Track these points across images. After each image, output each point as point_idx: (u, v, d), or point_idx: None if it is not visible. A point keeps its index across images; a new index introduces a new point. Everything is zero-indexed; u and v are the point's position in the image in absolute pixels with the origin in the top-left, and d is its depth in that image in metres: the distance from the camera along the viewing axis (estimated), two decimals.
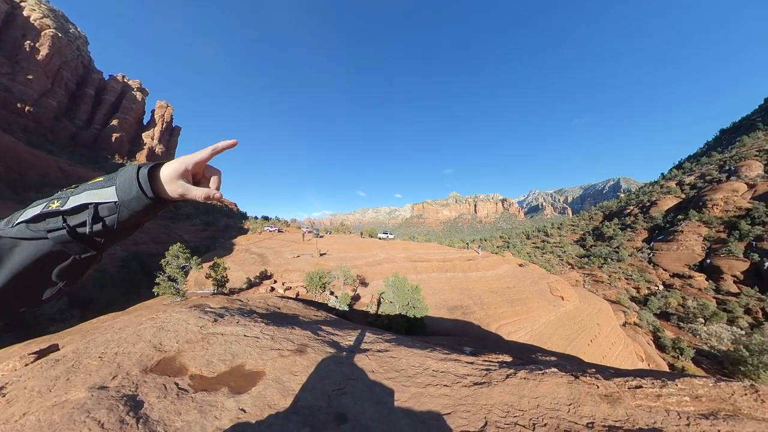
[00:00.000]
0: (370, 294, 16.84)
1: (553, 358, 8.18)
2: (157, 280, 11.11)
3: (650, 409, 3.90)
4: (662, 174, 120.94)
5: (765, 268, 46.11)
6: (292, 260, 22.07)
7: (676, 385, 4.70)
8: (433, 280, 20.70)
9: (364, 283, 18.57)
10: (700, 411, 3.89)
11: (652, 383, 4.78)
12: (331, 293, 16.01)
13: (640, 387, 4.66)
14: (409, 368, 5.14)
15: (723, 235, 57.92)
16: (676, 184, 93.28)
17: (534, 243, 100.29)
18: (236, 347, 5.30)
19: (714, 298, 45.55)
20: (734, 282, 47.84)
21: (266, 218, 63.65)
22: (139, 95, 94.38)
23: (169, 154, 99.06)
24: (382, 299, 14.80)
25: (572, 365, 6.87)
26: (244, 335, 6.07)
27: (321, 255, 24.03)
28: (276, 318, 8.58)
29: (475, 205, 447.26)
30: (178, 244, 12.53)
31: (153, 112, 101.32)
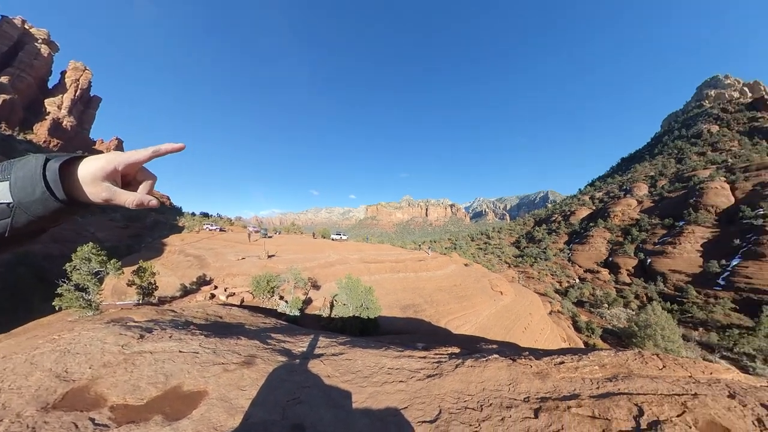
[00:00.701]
0: (322, 297, 16.40)
1: (494, 346, 8.99)
2: (58, 290, 9.03)
3: (571, 380, 4.57)
4: (579, 189, 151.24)
5: (648, 263, 58.88)
6: (237, 263, 20.29)
7: (589, 358, 5.61)
8: (386, 280, 21.09)
9: (316, 286, 18.03)
10: (606, 376, 4.72)
11: (572, 359, 5.62)
12: (281, 298, 15.17)
13: (563, 363, 5.43)
14: (364, 369, 5.15)
15: (620, 239, 72.95)
16: (589, 198, 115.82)
17: (478, 245, 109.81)
18: (170, 366, 4.67)
19: (614, 287, 56.92)
20: (628, 275, 60.25)
21: (206, 215, 56.40)
22: (44, 49, 74.71)
23: (81, 130, 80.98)
24: (335, 302, 14.54)
25: (510, 351, 7.65)
26: (180, 351, 5.38)
27: (269, 257, 22.56)
28: (218, 329, 7.81)
29: (427, 209, 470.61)
30: (91, 244, 10.38)
31: (64, 74, 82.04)
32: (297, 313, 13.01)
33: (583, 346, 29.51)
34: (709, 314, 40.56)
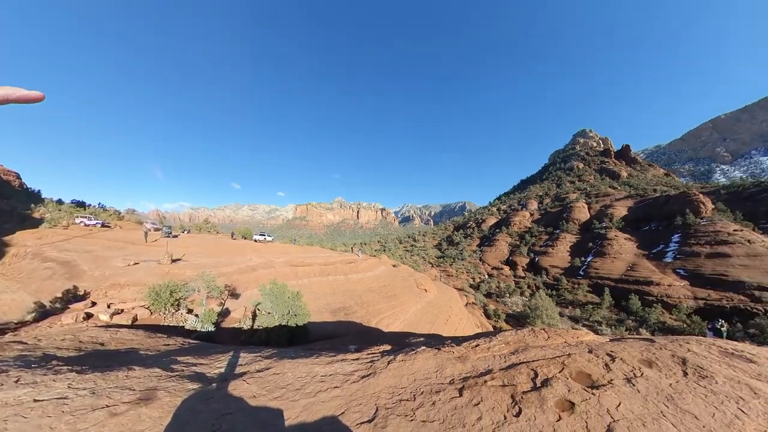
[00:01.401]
0: (243, 306, 14.73)
1: (422, 339, 9.62)
2: None
3: (485, 359, 5.24)
4: (490, 202, 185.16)
5: (536, 261, 74.01)
6: (126, 270, 16.21)
7: (497, 338, 6.54)
8: (316, 284, 20.34)
9: (234, 295, 16.05)
10: (510, 351, 5.59)
11: (485, 341, 6.45)
12: (190, 312, 12.94)
13: (478, 345, 6.18)
14: (295, 381, 4.82)
15: (518, 242, 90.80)
16: (496, 209, 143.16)
17: (405, 247, 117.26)
18: (19, 426, 3.40)
19: (513, 280, 68.98)
20: (522, 270, 74.79)
21: (81, 204, 39.93)
22: None
23: None
24: (258, 311, 13.23)
25: (435, 341, 8.30)
26: (35, 400, 3.97)
27: (173, 261, 18.73)
28: (98, 360, 6.13)
29: (358, 212, 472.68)
30: None
31: None
32: (211, 329, 11.32)
33: (492, 330, 34.31)
34: (575, 296, 53.90)
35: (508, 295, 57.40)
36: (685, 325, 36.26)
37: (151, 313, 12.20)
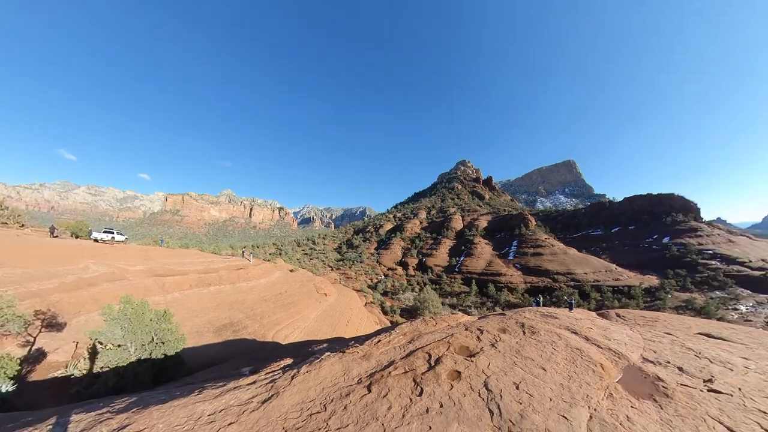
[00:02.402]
0: (72, 342, 10.63)
1: (325, 345, 9.39)
2: None
3: (387, 352, 5.59)
4: (387, 209, 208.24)
5: (423, 261, 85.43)
6: None
7: (396, 332, 7.10)
8: (192, 298, 16.64)
9: (55, 325, 11.28)
10: (407, 340, 6.16)
11: (385, 336, 6.89)
12: None
13: (380, 341, 6.53)
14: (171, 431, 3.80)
15: (409, 246, 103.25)
16: (393, 216, 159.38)
17: (304, 250, 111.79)
18: None
19: (406, 279, 76.82)
20: (413, 270, 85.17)
21: None
22: None
23: None
24: (100, 345, 9.78)
25: (340, 344, 8.27)
26: None
27: None
28: None
29: (251, 209, 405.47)
30: None
31: None
32: (8, 388, 7.57)
33: (390, 324, 36.95)
34: (452, 288, 65.66)
35: (401, 292, 63.36)
36: (521, 301, 52.50)
37: None
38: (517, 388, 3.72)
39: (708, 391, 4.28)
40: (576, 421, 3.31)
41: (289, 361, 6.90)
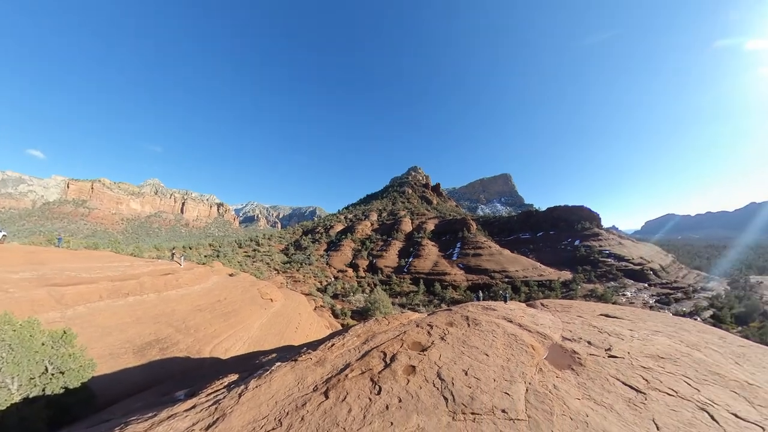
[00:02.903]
0: None
1: (274, 355, 8.84)
2: None
3: (342, 355, 5.54)
4: (338, 210, 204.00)
5: (374, 263, 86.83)
6: None
7: (349, 334, 7.06)
8: (103, 312, 13.75)
9: None
10: (362, 341, 6.19)
11: (339, 339, 6.80)
12: None
13: (334, 344, 6.43)
14: None
15: (360, 247, 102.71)
16: (344, 217, 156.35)
17: (246, 252, 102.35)
18: None
19: (356, 281, 76.79)
20: (363, 271, 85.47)
21: None
22: None
23: None
24: None
25: (290, 353, 7.88)
26: None
27: None
28: None
29: (183, 203, 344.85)
30: None
31: None
32: None
33: (342, 327, 36.33)
34: (401, 288, 67.78)
35: (352, 294, 62.78)
36: (464, 297, 56.84)
37: None
38: (466, 374, 4.07)
39: (608, 357, 5.38)
40: (516, 395, 3.78)
41: (234, 377, 6.35)
